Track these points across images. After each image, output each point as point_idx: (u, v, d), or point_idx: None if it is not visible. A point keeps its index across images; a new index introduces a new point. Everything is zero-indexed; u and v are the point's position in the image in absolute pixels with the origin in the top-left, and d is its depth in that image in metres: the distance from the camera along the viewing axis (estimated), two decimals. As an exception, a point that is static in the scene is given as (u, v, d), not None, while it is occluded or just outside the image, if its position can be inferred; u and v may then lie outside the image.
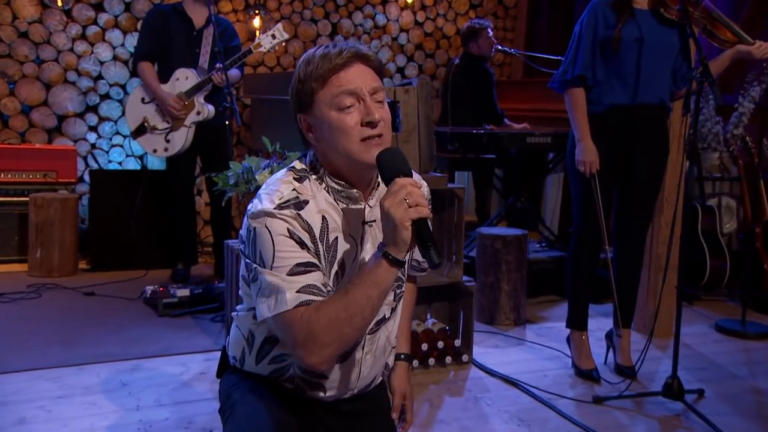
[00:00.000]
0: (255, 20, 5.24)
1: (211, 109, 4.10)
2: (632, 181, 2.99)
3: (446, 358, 3.03)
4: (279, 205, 1.39)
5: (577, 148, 2.92)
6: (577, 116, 2.91)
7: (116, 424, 2.46)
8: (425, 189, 1.62)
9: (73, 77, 4.83)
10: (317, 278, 1.39)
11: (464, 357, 3.11)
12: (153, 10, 4.35)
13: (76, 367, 2.90)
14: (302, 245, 1.39)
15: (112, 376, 2.84)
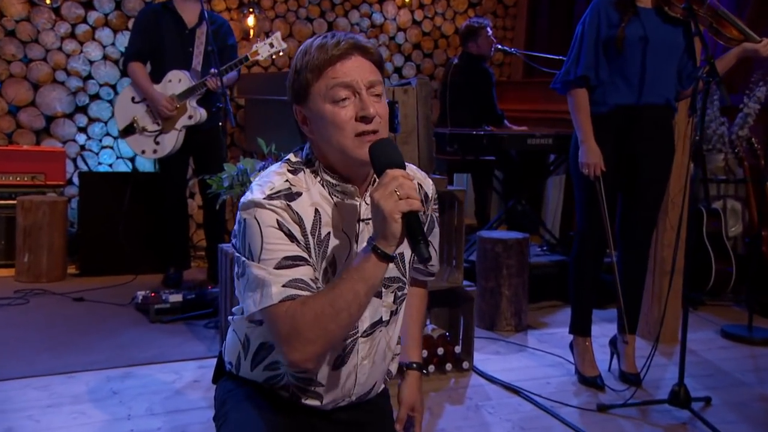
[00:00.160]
0: (249, 19, 5.22)
1: (203, 113, 4.08)
2: (637, 183, 2.97)
3: (446, 365, 3.01)
4: (269, 196, 1.38)
5: (581, 150, 2.90)
6: (581, 118, 2.89)
7: (106, 434, 2.43)
8: (431, 188, 1.61)
9: (62, 77, 4.81)
10: (305, 273, 1.37)
11: (465, 364, 3.09)
12: (144, 9, 4.34)
13: (65, 375, 2.87)
14: (291, 238, 1.37)
15: (103, 384, 2.81)
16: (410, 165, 1.62)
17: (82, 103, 4.85)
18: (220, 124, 3.90)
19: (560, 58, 3.76)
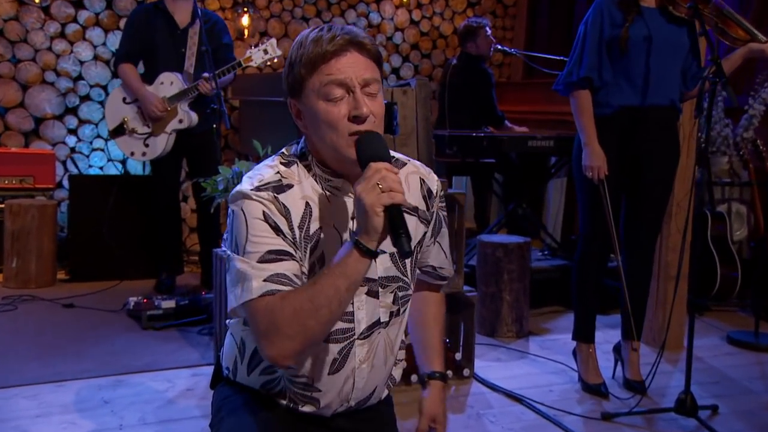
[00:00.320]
0: (243, 18, 5.21)
1: (194, 117, 4.05)
2: (641, 185, 2.96)
3: (447, 373, 2.94)
4: (257, 187, 1.38)
5: (584, 152, 2.88)
6: (584, 119, 2.87)
7: (97, 445, 2.43)
8: (435, 184, 1.58)
9: (51, 78, 4.77)
10: (289, 267, 1.36)
11: (465, 371, 3.07)
12: (137, 9, 4.32)
13: (54, 384, 2.84)
14: (277, 231, 1.37)
15: (93, 393, 2.78)
16: (414, 161, 1.59)
17: (72, 104, 4.81)
18: (215, 126, 3.86)
19: (561, 58, 3.74)
